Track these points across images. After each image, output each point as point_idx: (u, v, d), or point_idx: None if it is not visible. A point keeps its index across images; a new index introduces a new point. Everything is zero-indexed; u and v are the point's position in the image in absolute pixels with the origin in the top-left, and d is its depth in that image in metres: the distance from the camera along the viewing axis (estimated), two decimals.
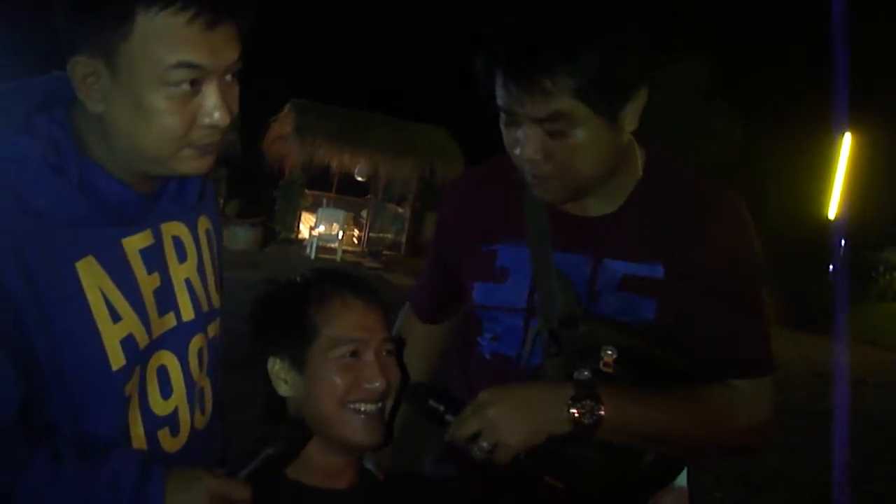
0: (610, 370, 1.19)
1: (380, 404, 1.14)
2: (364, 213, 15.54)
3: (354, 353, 1.12)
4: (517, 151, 1.17)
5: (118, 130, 0.99)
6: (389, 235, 16.06)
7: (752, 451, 1.40)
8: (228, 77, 1.00)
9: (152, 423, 1.11)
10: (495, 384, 1.23)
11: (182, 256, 1.16)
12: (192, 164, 1.03)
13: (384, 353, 1.16)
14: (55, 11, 0.97)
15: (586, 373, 1.17)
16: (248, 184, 14.69)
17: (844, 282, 13.72)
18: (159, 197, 1.10)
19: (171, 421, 1.14)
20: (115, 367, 1.04)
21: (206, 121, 0.98)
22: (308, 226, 14.57)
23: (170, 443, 1.14)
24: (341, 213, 14.65)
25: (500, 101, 1.16)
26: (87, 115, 1.01)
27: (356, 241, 15.32)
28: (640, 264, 1.27)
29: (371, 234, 15.52)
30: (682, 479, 2.00)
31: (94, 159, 1.02)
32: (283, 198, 14.84)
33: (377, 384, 1.11)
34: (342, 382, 1.11)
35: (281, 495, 1.12)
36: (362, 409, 1.12)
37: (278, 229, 14.57)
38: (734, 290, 1.26)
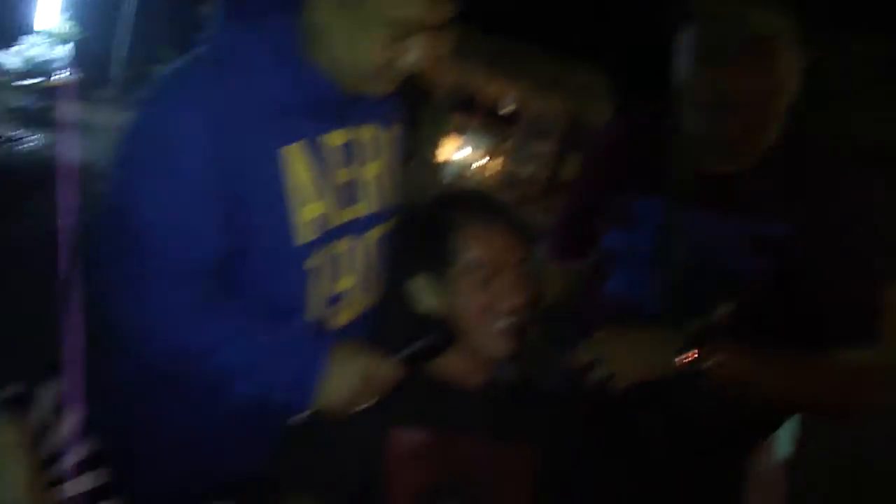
0: (724, 322, 1.30)
1: (513, 319, 1.26)
2: (506, 145, 15.47)
3: (490, 274, 1.25)
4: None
5: (330, 41, 1.14)
6: (529, 170, 15.94)
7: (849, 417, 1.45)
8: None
9: (329, 299, 1.27)
10: (616, 325, 1.37)
11: (373, 156, 1.32)
12: (383, 87, 1.21)
13: (518, 273, 1.28)
14: None
15: (702, 324, 1.26)
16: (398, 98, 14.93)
17: None
18: (362, 102, 1.25)
19: (344, 299, 1.31)
20: (300, 242, 1.20)
21: (408, 59, 1.15)
22: (450, 149, 14.66)
23: (340, 319, 1.32)
24: (484, 142, 14.66)
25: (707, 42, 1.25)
26: (315, 21, 1.15)
27: (495, 172, 15.30)
28: (769, 224, 1.34)
29: (511, 167, 15.45)
30: (782, 450, 2.08)
31: (313, 60, 1.17)
32: (429, 119, 14.98)
33: (511, 302, 1.25)
34: (479, 301, 1.26)
35: (420, 385, 1.29)
36: (498, 324, 1.26)
37: (420, 149, 14.77)
38: (854, 259, 1.32)
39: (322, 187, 1.22)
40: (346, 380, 1.16)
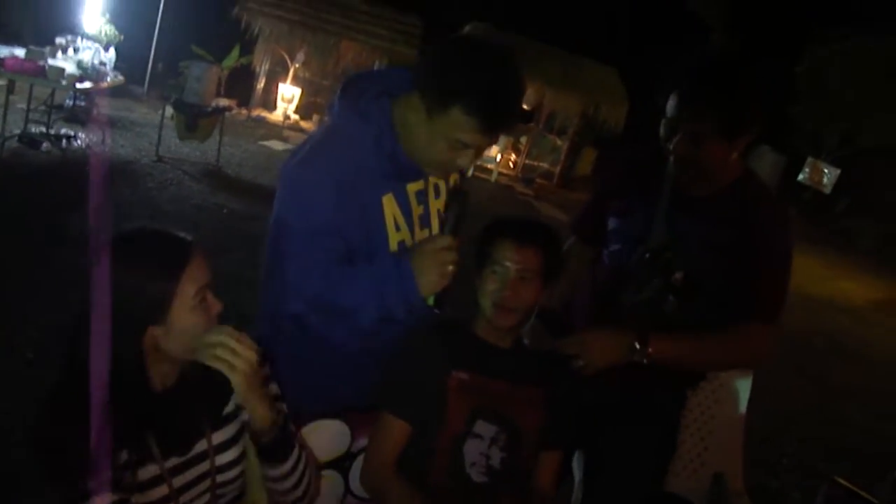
0: (678, 284, 1.90)
1: (511, 308, 1.80)
2: (523, 140, 15.72)
3: (500, 275, 1.80)
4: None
5: (411, 137, 1.63)
6: (545, 165, 16.21)
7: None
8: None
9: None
10: (609, 279, 2.06)
11: (437, 195, 1.84)
12: (440, 174, 1.78)
13: (523, 277, 1.80)
14: (417, 72, 1.60)
15: (662, 280, 1.91)
16: None
17: None
18: None
19: None
20: (391, 251, 1.72)
21: (459, 163, 1.65)
22: None
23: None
24: (501, 138, 15.01)
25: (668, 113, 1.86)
26: (400, 113, 1.63)
27: (512, 166, 15.58)
28: (717, 229, 1.92)
29: (527, 162, 15.71)
30: (742, 406, 2.70)
31: (400, 139, 1.67)
32: None
33: (508, 294, 1.79)
34: (490, 288, 1.80)
35: (470, 345, 1.86)
36: (500, 305, 1.80)
37: None
38: (766, 262, 1.91)
39: (405, 221, 1.73)
40: (428, 262, 1.60)
